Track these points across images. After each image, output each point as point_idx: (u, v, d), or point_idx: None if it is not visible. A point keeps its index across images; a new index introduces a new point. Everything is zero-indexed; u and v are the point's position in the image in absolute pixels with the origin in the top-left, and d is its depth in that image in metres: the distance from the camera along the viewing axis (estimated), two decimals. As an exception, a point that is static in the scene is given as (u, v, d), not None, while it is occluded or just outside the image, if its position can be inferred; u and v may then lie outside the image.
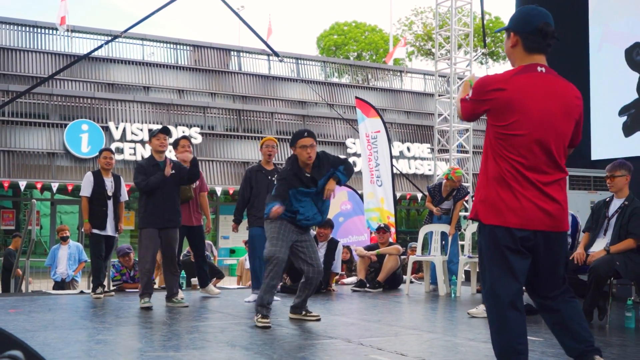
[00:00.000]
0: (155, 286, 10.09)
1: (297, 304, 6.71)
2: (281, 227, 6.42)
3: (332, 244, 10.01)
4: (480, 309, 7.02)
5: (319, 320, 6.58)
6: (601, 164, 8.90)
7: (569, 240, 7.19)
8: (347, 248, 11.64)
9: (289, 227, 6.45)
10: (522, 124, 3.46)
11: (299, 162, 6.54)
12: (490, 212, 3.50)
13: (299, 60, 31.15)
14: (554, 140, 3.51)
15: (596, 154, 10.38)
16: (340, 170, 6.55)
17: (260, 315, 6.22)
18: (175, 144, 8.95)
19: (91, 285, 8.91)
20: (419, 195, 25.96)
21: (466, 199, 10.40)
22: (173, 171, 7.85)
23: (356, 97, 14.87)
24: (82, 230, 8.90)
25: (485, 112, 3.59)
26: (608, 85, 10.36)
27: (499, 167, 3.50)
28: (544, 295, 3.65)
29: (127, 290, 9.81)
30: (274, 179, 8.58)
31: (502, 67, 45.27)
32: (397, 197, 24.40)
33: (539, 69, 3.58)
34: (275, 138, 9.25)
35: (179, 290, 8.77)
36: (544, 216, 3.46)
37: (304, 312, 6.69)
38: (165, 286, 8.15)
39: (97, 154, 9.30)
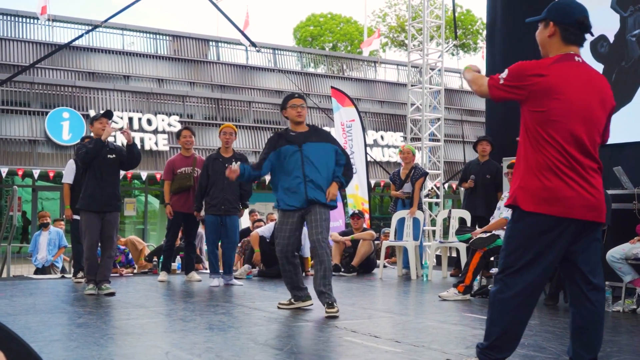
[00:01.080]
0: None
1: (317, 290, 6.11)
2: (282, 219, 6.25)
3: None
4: (451, 292, 7.06)
5: (336, 317, 5.88)
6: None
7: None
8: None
9: (287, 215, 6.21)
10: (561, 111, 3.39)
11: (288, 127, 6.44)
12: (530, 199, 3.38)
13: (276, 51, 31.03)
14: (590, 130, 3.42)
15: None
16: (340, 175, 6.28)
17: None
18: (178, 135, 9.12)
19: (72, 269, 8.84)
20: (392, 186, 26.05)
21: (424, 181, 10.28)
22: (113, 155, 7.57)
23: (332, 87, 14.86)
24: (64, 216, 8.82)
25: (521, 97, 3.49)
26: (574, 77, 10.42)
27: (540, 154, 3.39)
28: (581, 284, 3.48)
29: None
30: (230, 166, 8.48)
31: (472, 58, 45.39)
32: (372, 185, 24.47)
33: (576, 58, 3.55)
34: (253, 127, 9.21)
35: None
36: (587, 205, 3.36)
37: (325, 305, 5.93)
38: (98, 271, 7.43)
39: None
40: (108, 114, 7.88)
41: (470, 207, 9.81)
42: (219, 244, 8.78)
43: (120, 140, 7.90)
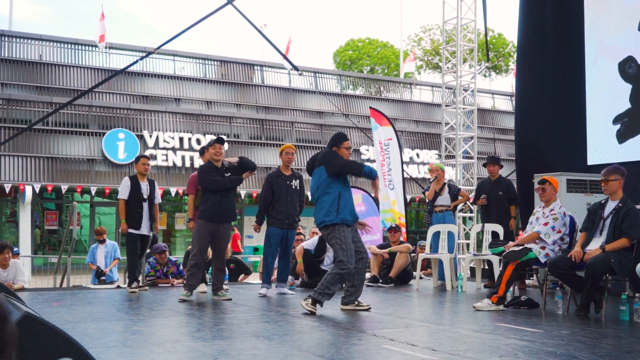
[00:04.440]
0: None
1: (347, 296, 6.88)
2: (346, 232, 6.75)
3: None
4: (485, 303, 6.98)
5: (369, 310, 6.74)
6: (596, 168, 8.84)
7: (567, 239, 7.14)
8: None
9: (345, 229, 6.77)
10: None
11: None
12: None
13: (317, 74, 31.16)
14: None
15: (592, 160, 10.30)
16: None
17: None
18: (206, 147, 9.13)
19: (127, 280, 8.94)
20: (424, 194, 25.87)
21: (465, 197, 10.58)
22: (229, 173, 8.09)
23: (370, 108, 14.84)
24: (120, 230, 8.95)
25: None
26: (603, 96, 10.29)
27: None
28: None
29: (160, 285, 9.83)
30: (291, 183, 8.63)
31: (504, 79, 45.09)
32: (408, 200, 24.35)
33: None
34: (295, 145, 9.26)
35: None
36: None
37: (356, 303, 6.85)
38: (213, 279, 8.21)
39: (134, 160, 9.33)
40: (220, 140, 8.16)
41: (485, 221, 10.08)
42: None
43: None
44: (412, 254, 10.87)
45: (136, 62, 15.98)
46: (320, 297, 6.61)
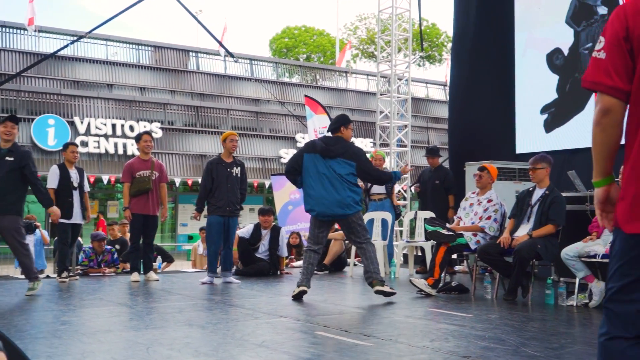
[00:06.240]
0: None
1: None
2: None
3: (275, 231, 9.91)
4: (422, 282, 7.10)
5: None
6: (525, 157, 9.07)
7: (496, 225, 7.31)
8: (297, 234, 11.64)
9: None
10: None
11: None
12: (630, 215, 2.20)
13: (253, 61, 30.99)
14: None
15: (520, 148, 10.57)
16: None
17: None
18: (138, 138, 8.98)
19: (56, 269, 8.73)
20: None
21: (396, 188, 10.70)
22: (12, 158, 7.17)
23: (305, 96, 14.84)
24: (50, 219, 8.72)
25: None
26: (531, 87, 10.55)
27: None
28: None
29: (91, 275, 9.65)
30: (232, 170, 8.57)
31: (438, 69, 45.75)
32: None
33: None
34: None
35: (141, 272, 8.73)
36: None
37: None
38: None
39: (62, 147, 9.10)
40: (13, 118, 7.41)
41: (422, 208, 10.27)
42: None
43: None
44: (347, 242, 10.94)
45: (67, 46, 15.58)
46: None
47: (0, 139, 7.24)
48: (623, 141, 2.23)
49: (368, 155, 7.59)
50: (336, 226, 11.04)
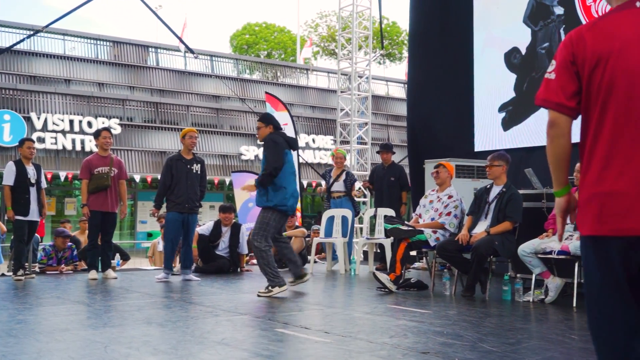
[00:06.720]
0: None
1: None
2: None
3: (236, 228, 9.88)
4: (384, 276, 7.14)
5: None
6: (483, 155, 9.18)
7: (456, 221, 7.39)
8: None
9: None
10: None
11: None
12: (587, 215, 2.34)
13: (213, 58, 30.77)
14: None
15: (479, 146, 10.70)
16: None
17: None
18: (97, 135, 8.86)
19: (11, 267, 8.57)
20: (323, 182, 26.18)
21: (356, 186, 10.68)
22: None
23: (266, 92, 14.81)
24: (6, 217, 8.56)
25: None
26: (489, 85, 10.68)
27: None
28: None
29: (48, 272, 9.49)
30: (192, 167, 8.53)
31: (398, 67, 46.01)
32: (304, 185, 24.51)
33: (638, 4, 2.34)
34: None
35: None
36: None
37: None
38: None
39: (19, 143, 8.93)
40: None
41: (378, 206, 10.23)
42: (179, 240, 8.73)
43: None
44: (307, 238, 10.96)
45: (23, 40, 15.31)
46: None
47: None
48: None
49: (329, 154, 7.74)
50: (297, 223, 11.06)
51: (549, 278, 6.46)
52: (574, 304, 6.17)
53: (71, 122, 23.98)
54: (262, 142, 7.05)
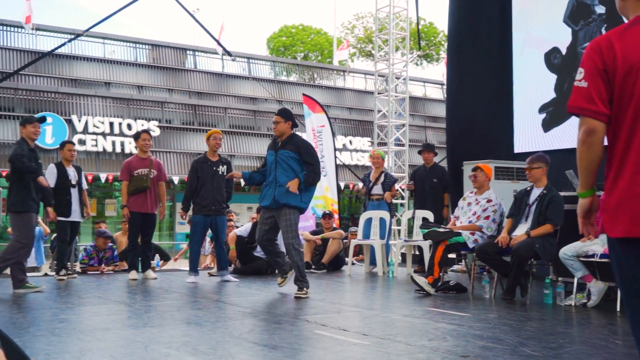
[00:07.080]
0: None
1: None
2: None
3: None
4: (422, 279, 7.09)
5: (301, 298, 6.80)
6: (523, 156, 9.06)
7: (494, 226, 7.30)
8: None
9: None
10: None
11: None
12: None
13: (250, 60, 30.96)
14: None
15: (518, 148, 10.57)
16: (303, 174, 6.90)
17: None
18: (137, 137, 8.97)
19: (54, 268, 8.72)
20: (360, 184, 26.16)
21: (396, 187, 10.59)
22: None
23: (303, 94, 14.82)
24: (48, 218, 8.71)
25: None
26: (529, 86, 10.55)
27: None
28: None
29: (89, 273, 9.64)
30: (217, 169, 8.56)
31: (435, 68, 45.74)
32: (341, 187, 24.50)
33: None
34: (229, 132, 9.20)
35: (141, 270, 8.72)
36: None
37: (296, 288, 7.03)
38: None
39: (60, 146, 9.10)
40: (41, 119, 7.79)
41: (419, 207, 10.16)
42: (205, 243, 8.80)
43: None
44: (345, 240, 10.94)
45: (64, 44, 15.57)
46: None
47: (29, 139, 7.52)
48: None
49: (366, 155, 7.74)
50: (334, 225, 11.05)
51: (591, 282, 6.35)
52: (618, 309, 6.05)
53: (111, 124, 24.34)
54: (283, 138, 7.07)
